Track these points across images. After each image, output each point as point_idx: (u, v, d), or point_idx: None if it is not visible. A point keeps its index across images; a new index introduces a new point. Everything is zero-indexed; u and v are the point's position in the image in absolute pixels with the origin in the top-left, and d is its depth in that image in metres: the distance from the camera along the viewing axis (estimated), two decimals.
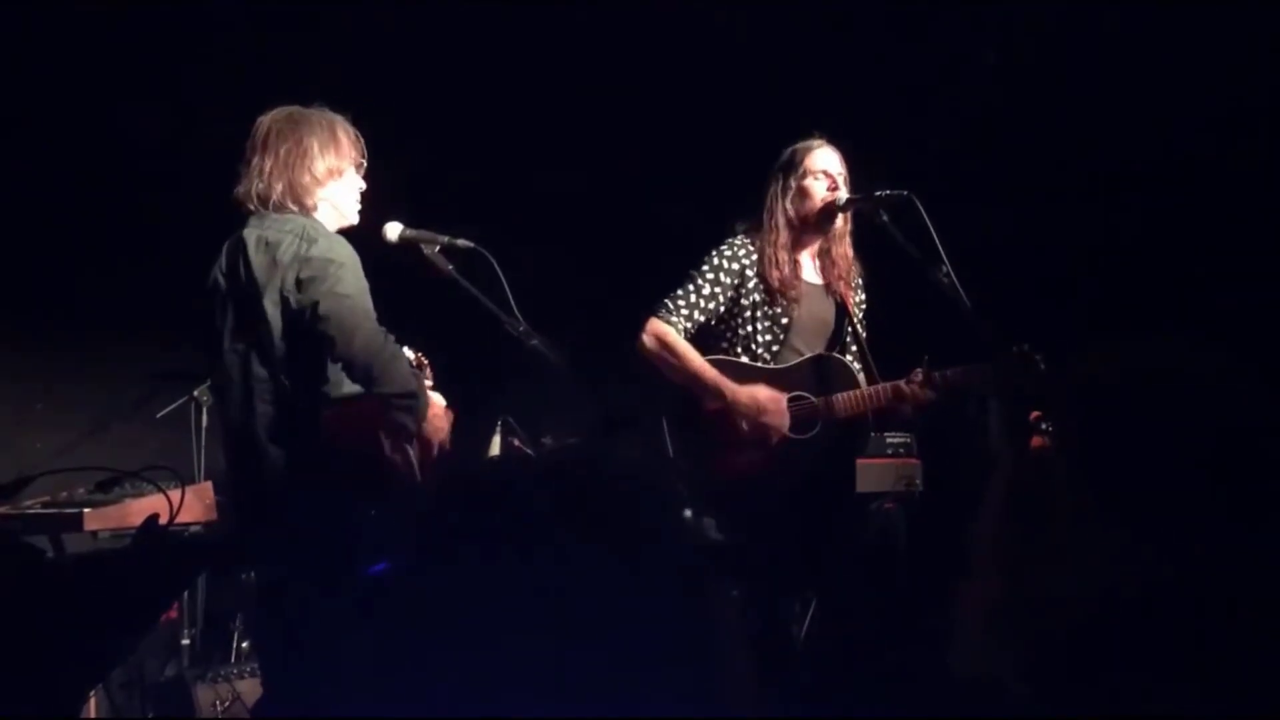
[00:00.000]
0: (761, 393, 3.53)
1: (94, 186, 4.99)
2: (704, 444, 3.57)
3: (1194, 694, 1.24)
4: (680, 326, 3.60)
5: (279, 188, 3.06)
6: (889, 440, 4.77)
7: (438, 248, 3.21)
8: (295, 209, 3.07)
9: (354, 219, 3.20)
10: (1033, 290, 4.96)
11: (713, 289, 3.63)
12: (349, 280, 2.93)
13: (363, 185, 3.22)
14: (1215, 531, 1.31)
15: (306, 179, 3.08)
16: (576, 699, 0.90)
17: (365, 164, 3.22)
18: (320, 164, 3.10)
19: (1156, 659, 1.26)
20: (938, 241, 3.44)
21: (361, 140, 3.21)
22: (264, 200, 3.06)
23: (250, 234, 3.03)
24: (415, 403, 3.00)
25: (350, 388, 2.98)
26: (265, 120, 3.14)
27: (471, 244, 3.21)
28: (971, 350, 3.54)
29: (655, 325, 3.60)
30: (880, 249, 3.74)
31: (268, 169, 3.07)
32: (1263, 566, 1.29)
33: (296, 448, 2.96)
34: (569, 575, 0.94)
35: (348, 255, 2.99)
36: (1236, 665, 1.25)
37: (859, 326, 3.76)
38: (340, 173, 3.15)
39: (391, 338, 2.97)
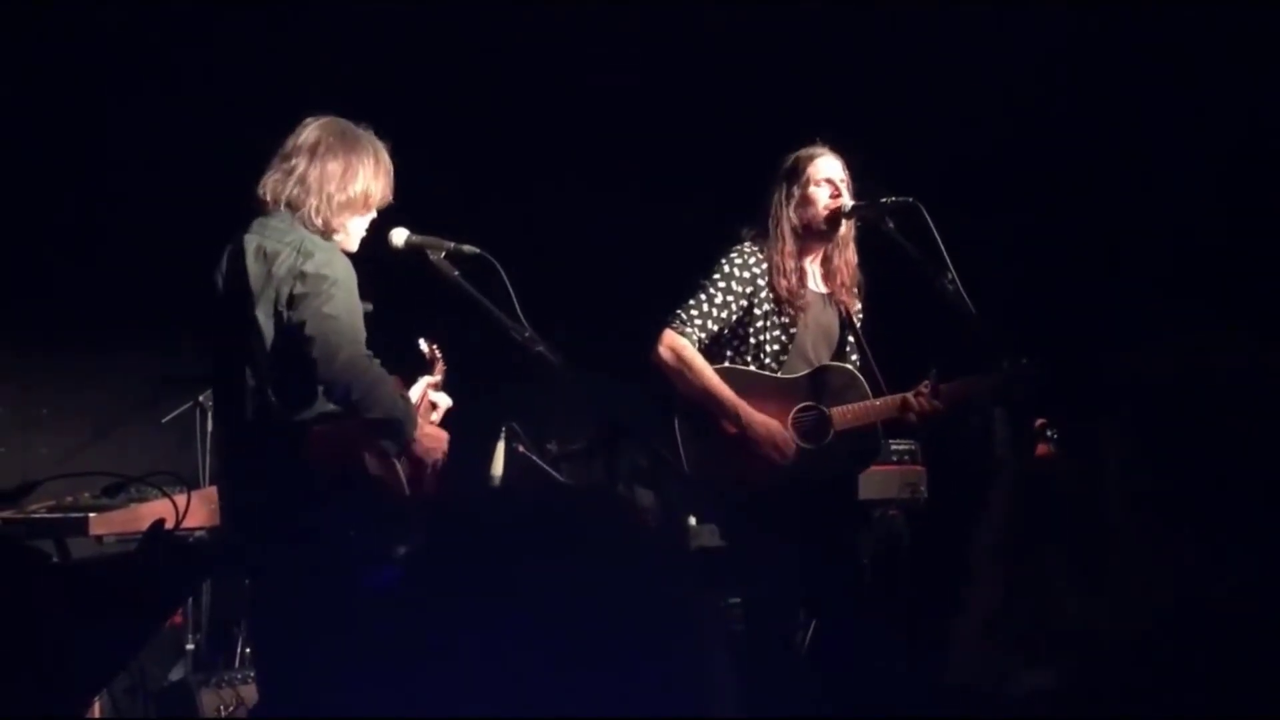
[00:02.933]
0: (775, 427, 3.52)
1: (98, 191, 5.00)
2: (715, 453, 3.56)
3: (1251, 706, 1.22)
4: (695, 338, 3.58)
5: (313, 203, 3.03)
6: (894, 447, 4.78)
7: (443, 254, 3.19)
8: (318, 225, 3.04)
9: (354, 249, 3.18)
10: (1038, 297, 4.97)
11: (725, 298, 3.62)
12: (339, 300, 2.91)
13: (374, 217, 3.20)
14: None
15: (342, 199, 3.05)
16: (558, 702, 0.91)
17: (390, 205, 3.21)
18: (357, 190, 3.08)
19: (1216, 672, 1.24)
20: (943, 248, 3.44)
21: (393, 181, 3.19)
22: (293, 207, 3.03)
23: (250, 241, 3.02)
24: (399, 429, 2.99)
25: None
26: (318, 126, 3.11)
27: (477, 250, 3.20)
28: (976, 358, 3.54)
29: (670, 338, 3.58)
30: (883, 258, 3.74)
31: (310, 179, 3.03)
32: None
33: (280, 461, 2.94)
34: (554, 583, 0.94)
35: (343, 272, 2.97)
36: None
37: (862, 336, 3.76)
38: (369, 207, 3.14)
39: (376, 362, 2.95)
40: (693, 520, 4.39)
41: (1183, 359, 1.39)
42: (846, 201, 3.64)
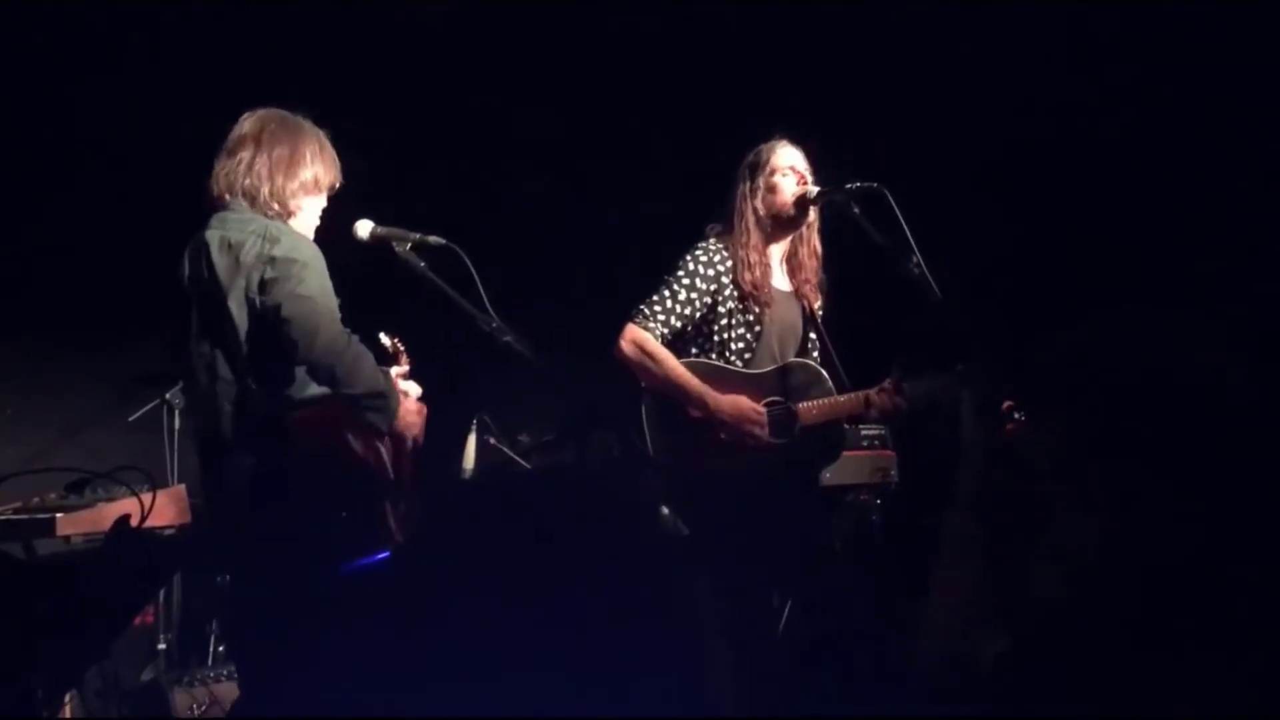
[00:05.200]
0: (743, 401, 3.54)
1: (60, 188, 4.95)
2: (682, 442, 3.57)
3: (1178, 684, 1.24)
4: (658, 333, 3.60)
5: (266, 189, 3.05)
6: (864, 433, 4.79)
7: (409, 245, 3.19)
8: (276, 210, 3.06)
9: (310, 232, 3.19)
10: (1003, 279, 5.00)
11: (689, 295, 3.63)
12: (312, 281, 2.91)
13: (324, 205, 3.23)
14: (1206, 513, 1.30)
15: (295, 185, 3.09)
16: (558, 698, 0.91)
17: (338, 187, 3.23)
18: (308, 173, 3.11)
19: (1143, 644, 1.26)
20: (908, 233, 3.45)
21: (339, 164, 3.22)
22: (250, 197, 3.04)
23: (212, 235, 3.01)
24: (384, 402, 2.99)
25: (317, 389, 2.97)
26: (257, 117, 3.14)
27: (443, 241, 3.20)
28: (941, 343, 3.56)
29: (633, 332, 3.59)
30: (846, 253, 3.76)
31: (259, 167, 3.06)
32: (1247, 547, 1.29)
33: (263, 451, 2.94)
34: (550, 574, 0.94)
35: (311, 254, 2.99)
36: (1226, 652, 1.24)
37: (824, 332, 3.78)
38: (320, 189, 3.16)
39: (355, 338, 2.96)
40: (664, 509, 4.39)
41: (1104, 338, 1.41)
42: (812, 188, 3.66)
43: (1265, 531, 1.29)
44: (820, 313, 3.82)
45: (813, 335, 3.79)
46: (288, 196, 3.08)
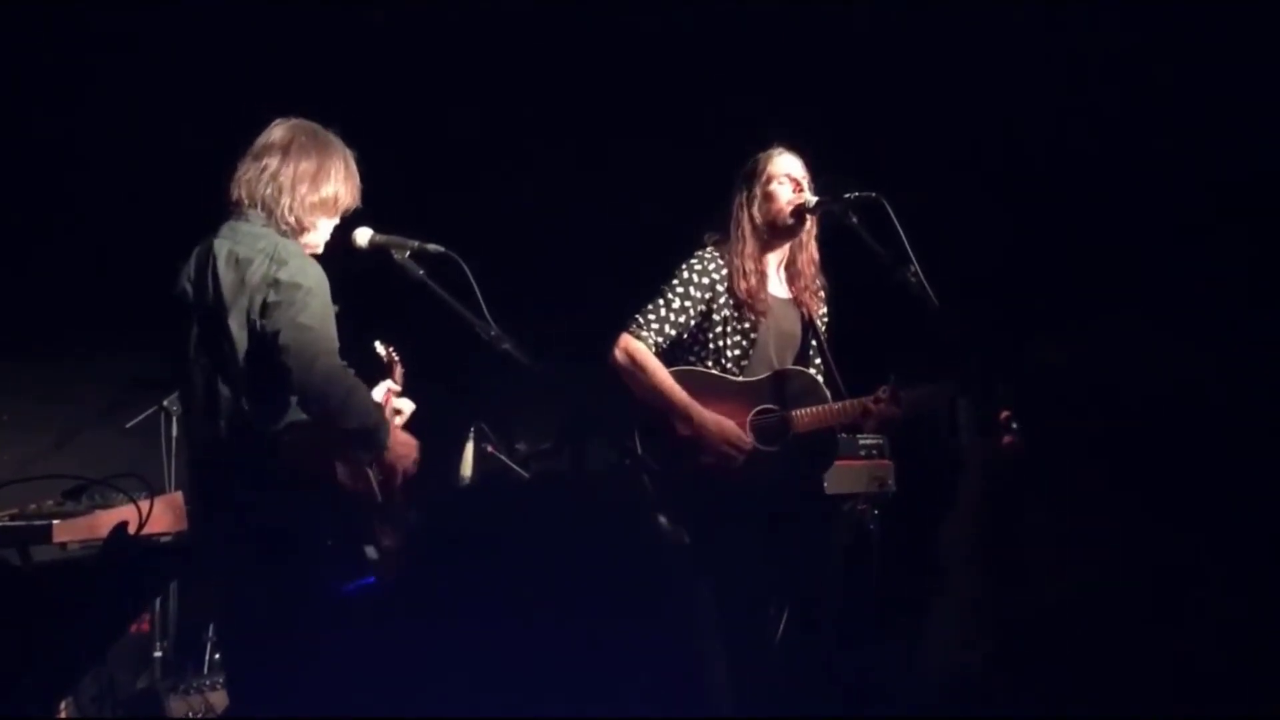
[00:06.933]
0: (728, 425, 3.53)
1: (58, 193, 4.96)
2: (674, 451, 3.57)
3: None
4: (651, 342, 3.60)
5: (286, 202, 3.01)
6: (861, 442, 4.80)
7: (408, 253, 3.19)
8: (291, 223, 3.03)
9: (321, 250, 3.17)
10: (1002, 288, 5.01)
11: (683, 304, 3.63)
12: (314, 308, 2.89)
13: (336, 224, 3.20)
14: (1192, 519, 1.31)
15: (315, 200, 3.05)
16: (554, 698, 0.91)
17: (355, 209, 3.20)
18: (330, 190, 3.08)
19: (1136, 646, 1.27)
20: (905, 242, 3.45)
21: (360, 187, 3.19)
22: (268, 208, 3.01)
23: (221, 246, 2.99)
24: (373, 437, 2.97)
25: None
26: (288, 126, 3.10)
27: (442, 249, 3.20)
28: (939, 353, 3.56)
29: (627, 341, 3.60)
30: (845, 260, 3.76)
31: (282, 179, 3.02)
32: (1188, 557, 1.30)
33: (254, 470, 2.91)
34: (547, 580, 0.94)
35: (316, 279, 2.95)
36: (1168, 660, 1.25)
37: (824, 340, 3.78)
38: (337, 210, 3.13)
39: (351, 371, 2.94)
40: (662, 517, 4.39)
41: (1085, 348, 1.41)
42: (810, 197, 3.66)
43: (1249, 534, 1.30)
44: (825, 320, 3.82)
45: (813, 342, 3.78)
46: (305, 212, 3.04)
